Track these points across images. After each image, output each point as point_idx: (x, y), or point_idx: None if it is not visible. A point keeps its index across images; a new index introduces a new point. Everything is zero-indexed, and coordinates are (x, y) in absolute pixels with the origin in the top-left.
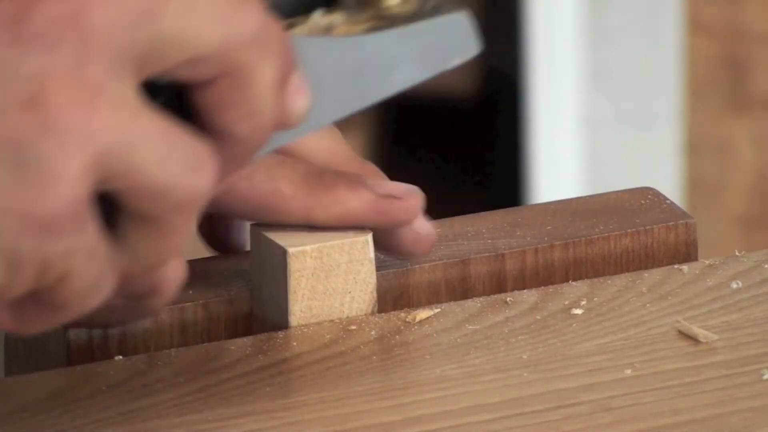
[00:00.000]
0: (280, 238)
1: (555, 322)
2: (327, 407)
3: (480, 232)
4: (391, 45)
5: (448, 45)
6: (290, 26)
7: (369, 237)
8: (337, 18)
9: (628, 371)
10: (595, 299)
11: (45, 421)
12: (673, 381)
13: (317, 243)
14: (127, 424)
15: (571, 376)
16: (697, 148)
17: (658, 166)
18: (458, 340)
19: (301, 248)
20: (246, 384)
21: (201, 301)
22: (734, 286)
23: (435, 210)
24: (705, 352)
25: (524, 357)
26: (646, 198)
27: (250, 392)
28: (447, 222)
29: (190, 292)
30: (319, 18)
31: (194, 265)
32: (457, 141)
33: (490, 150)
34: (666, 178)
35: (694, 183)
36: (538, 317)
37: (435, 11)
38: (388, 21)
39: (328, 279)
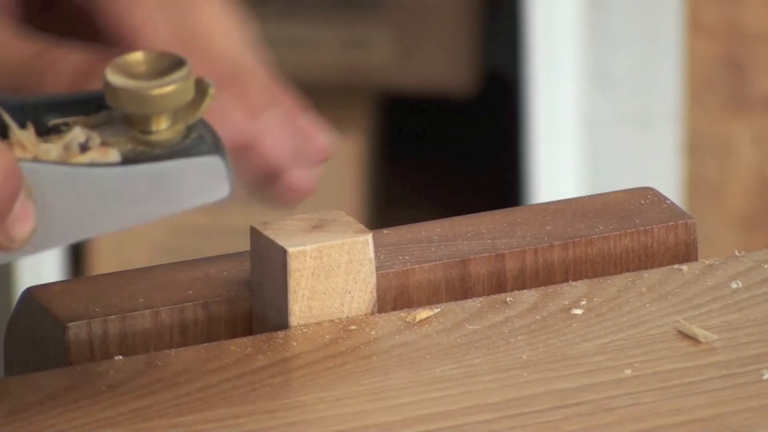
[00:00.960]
0: (280, 238)
1: (555, 322)
2: (327, 407)
3: (480, 232)
4: (137, 179)
5: (199, 185)
6: (48, 135)
7: (369, 237)
8: (95, 138)
9: (628, 371)
10: (595, 299)
11: (45, 421)
12: (673, 381)
13: (317, 243)
14: (127, 424)
15: (571, 376)
16: (697, 148)
17: (658, 166)
18: (458, 340)
19: (301, 248)
20: (246, 384)
21: (201, 301)
22: (734, 286)
23: (435, 209)
24: (705, 352)
25: (524, 357)
26: (645, 198)
27: (250, 392)
28: (447, 222)
29: (190, 292)
30: (78, 132)
31: (194, 266)
32: (456, 141)
33: (489, 150)
34: (666, 178)
35: (694, 183)
36: (538, 317)
37: (195, 146)
38: (146, 147)
39: (328, 279)
